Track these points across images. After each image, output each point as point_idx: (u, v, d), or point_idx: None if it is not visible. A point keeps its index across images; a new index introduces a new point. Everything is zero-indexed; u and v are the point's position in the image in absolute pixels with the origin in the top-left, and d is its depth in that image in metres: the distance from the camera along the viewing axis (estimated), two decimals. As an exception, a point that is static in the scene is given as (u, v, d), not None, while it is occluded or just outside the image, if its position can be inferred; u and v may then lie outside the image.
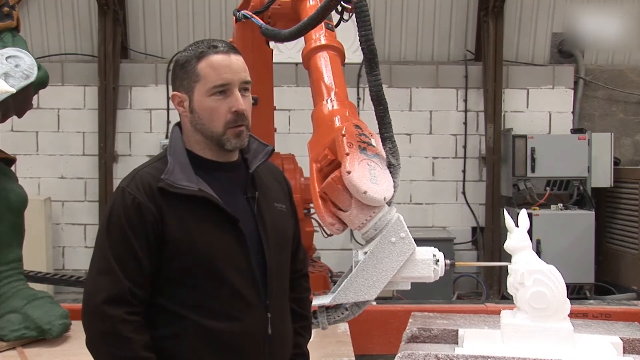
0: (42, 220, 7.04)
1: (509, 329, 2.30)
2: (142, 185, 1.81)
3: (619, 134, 7.76)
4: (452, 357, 2.14)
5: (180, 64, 1.88)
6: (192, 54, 1.85)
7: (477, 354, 2.16)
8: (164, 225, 1.78)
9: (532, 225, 3.51)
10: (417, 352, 2.21)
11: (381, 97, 2.09)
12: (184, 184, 1.80)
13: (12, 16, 3.70)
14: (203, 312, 1.79)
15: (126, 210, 1.79)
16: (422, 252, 2.08)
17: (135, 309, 1.76)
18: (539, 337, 2.24)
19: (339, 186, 2.04)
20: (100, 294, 1.75)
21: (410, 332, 2.48)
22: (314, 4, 3.16)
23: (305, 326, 2.14)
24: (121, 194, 1.82)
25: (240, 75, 1.85)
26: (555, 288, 2.25)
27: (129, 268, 1.76)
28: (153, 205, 1.79)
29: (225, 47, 1.86)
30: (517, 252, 2.38)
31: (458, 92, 7.75)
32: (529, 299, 2.26)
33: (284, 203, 2.04)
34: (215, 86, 1.82)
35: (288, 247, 2.04)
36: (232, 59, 1.85)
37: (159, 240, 1.78)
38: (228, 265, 1.81)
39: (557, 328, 2.23)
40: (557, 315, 2.26)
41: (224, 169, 1.91)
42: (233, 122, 1.84)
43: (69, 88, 7.68)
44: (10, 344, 3.37)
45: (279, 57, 5.15)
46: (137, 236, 1.77)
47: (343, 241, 7.08)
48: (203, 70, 1.83)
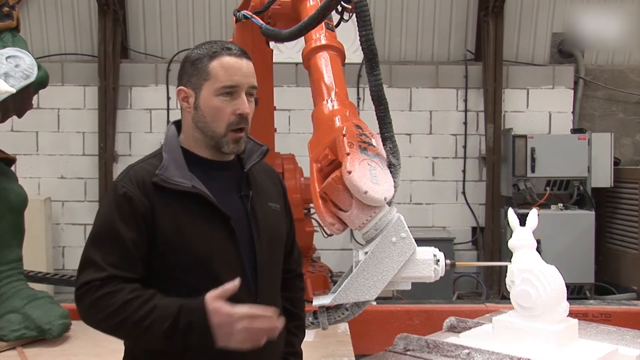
0: (42, 220, 7.04)
1: (498, 325, 2.34)
2: (135, 179, 1.83)
3: (619, 134, 7.76)
4: (438, 343, 2.22)
5: (191, 60, 1.89)
6: (205, 52, 1.88)
7: (458, 343, 2.22)
8: (156, 220, 1.80)
9: (532, 225, 3.51)
10: (411, 336, 2.29)
11: (382, 97, 2.10)
12: (177, 180, 1.82)
13: (12, 16, 3.71)
14: None
15: (117, 202, 1.81)
16: (422, 252, 2.08)
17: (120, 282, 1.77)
18: (523, 335, 2.25)
19: (340, 186, 2.04)
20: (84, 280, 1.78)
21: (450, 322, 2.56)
22: (314, 4, 3.16)
23: (299, 325, 2.16)
24: (113, 188, 1.85)
25: (249, 79, 1.88)
26: (542, 288, 2.23)
27: (114, 257, 1.77)
28: (145, 199, 1.80)
29: (238, 51, 1.90)
30: (517, 251, 2.39)
31: (458, 92, 7.74)
32: (516, 296, 2.28)
33: (277, 203, 2.05)
34: (224, 86, 1.84)
35: (281, 246, 2.05)
36: (243, 63, 1.88)
37: (150, 233, 1.80)
38: (219, 263, 1.83)
39: (541, 329, 2.22)
40: (547, 316, 2.25)
41: (219, 167, 1.93)
42: (235, 124, 1.86)
43: (69, 88, 7.68)
44: (10, 344, 3.37)
45: (279, 57, 5.16)
46: (127, 226, 1.78)
47: (343, 241, 7.08)
48: (214, 69, 1.85)
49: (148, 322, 1.70)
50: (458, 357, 2.15)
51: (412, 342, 2.30)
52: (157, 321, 1.69)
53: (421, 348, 2.27)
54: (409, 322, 3.98)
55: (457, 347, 2.19)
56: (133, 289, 1.75)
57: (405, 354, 2.26)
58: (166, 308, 1.70)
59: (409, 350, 2.27)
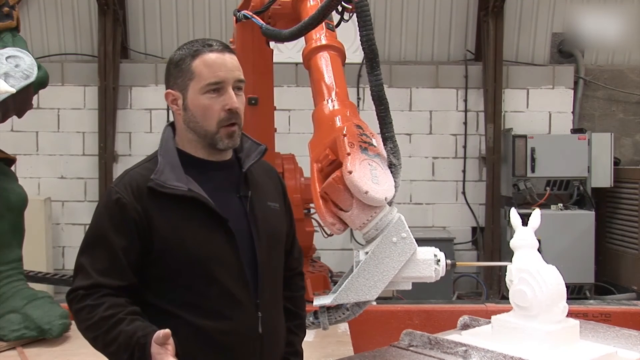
0: (42, 220, 7.04)
1: (497, 324, 2.35)
2: (129, 185, 1.82)
3: (619, 134, 7.76)
4: (439, 339, 2.27)
5: (174, 62, 1.89)
6: (186, 53, 1.87)
7: (458, 341, 2.26)
8: (152, 225, 1.79)
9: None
10: (415, 332, 2.33)
11: (382, 96, 2.09)
12: (173, 184, 1.81)
13: (12, 16, 3.70)
14: (193, 311, 1.80)
15: (109, 207, 1.81)
16: (423, 252, 2.08)
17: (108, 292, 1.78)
18: (520, 335, 2.26)
19: (340, 186, 2.04)
20: (72, 286, 1.81)
21: (463, 321, 2.58)
22: (315, 4, 3.15)
23: (299, 325, 2.15)
24: (108, 193, 1.85)
25: (234, 73, 1.86)
26: (539, 288, 2.23)
27: (102, 266, 1.78)
28: (139, 205, 1.79)
29: (219, 46, 1.88)
30: (518, 250, 2.39)
31: (458, 92, 7.75)
32: (512, 296, 2.29)
33: (277, 202, 2.04)
34: (209, 84, 1.83)
35: (281, 246, 2.04)
36: (226, 58, 1.86)
37: (145, 239, 1.79)
38: (218, 265, 1.82)
39: (537, 329, 2.23)
40: (544, 316, 2.25)
41: (216, 168, 1.92)
42: (226, 120, 1.85)
43: (69, 88, 7.68)
44: (10, 344, 3.37)
45: (279, 57, 5.15)
46: (117, 233, 1.78)
47: (343, 241, 7.08)
48: (197, 68, 1.84)
49: (114, 348, 1.72)
50: (457, 354, 2.18)
51: (415, 338, 2.35)
52: (120, 349, 1.71)
53: (423, 344, 2.31)
54: (409, 322, 3.97)
55: (456, 344, 2.22)
56: (112, 305, 1.74)
57: (407, 349, 2.31)
58: (129, 338, 1.70)
59: (411, 346, 2.32)
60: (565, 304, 2.28)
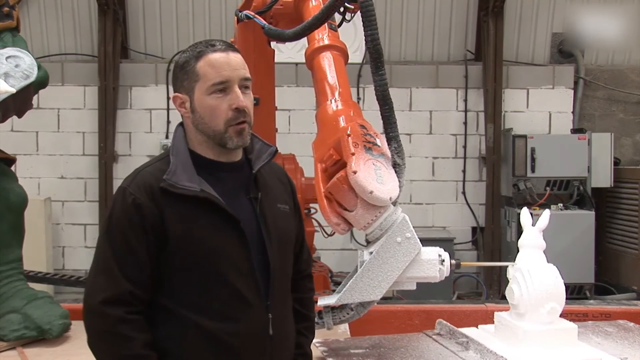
0: (42, 220, 7.03)
1: (497, 320, 2.44)
2: (143, 185, 1.81)
3: (619, 134, 7.77)
4: (455, 330, 2.54)
5: (179, 65, 1.89)
6: (190, 55, 1.87)
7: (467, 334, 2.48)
8: (165, 225, 1.78)
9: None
10: (444, 322, 2.66)
11: (387, 96, 2.09)
12: (185, 184, 1.80)
13: (12, 16, 3.69)
14: (203, 312, 1.79)
15: (127, 210, 1.79)
16: (427, 252, 2.08)
17: (135, 308, 1.77)
18: (510, 332, 2.32)
19: (345, 186, 2.03)
20: (99, 294, 1.76)
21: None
22: (317, 4, 3.15)
23: (309, 327, 2.14)
24: (122, 194, 1.83)
25: (239, 72, 1.85)
26: (526, 288, 2.25)
27: (129, 268, 1.77)
28: (154, 205, 1.79)
29: (223, 45, 1.87)
30: (522, 250, 2.41)
31: (458, 92, 7.74)
32: (506, 294, 2.35)
33: (287, 204, 2.03)
34: (214, 84, 1.83)
35: (290, 247, 2.03)
36: (230, 57, 1.85)
37: (160, 240, 1.78)
38: (228, 266, 1.81)
39: (523, 328, 2.25)
40: (531, 315, 2.26)
41: (227, 169, 1.91)
42: (234, 119, 1.84)
43: (69, 88, 7.67)
44: (10, 344, 3.35)
45: (280, 57, 5.13)
46: (138, 236, 1.77)
47: (343, 241, 7.06)
48: (202, 69, 1.83)
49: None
50: (461, 344, 2.43)
51: (443, 328, 2.67)
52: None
53: (446, 333, 2.61)
54: (409, 322, 3.96)
55: (462, 335, 2.41)
56: (146, 344, 1.75)
57: (431, 337, 2.61)
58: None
59: (437, 335, 2.64)
60: (556, 305, 2.28)
